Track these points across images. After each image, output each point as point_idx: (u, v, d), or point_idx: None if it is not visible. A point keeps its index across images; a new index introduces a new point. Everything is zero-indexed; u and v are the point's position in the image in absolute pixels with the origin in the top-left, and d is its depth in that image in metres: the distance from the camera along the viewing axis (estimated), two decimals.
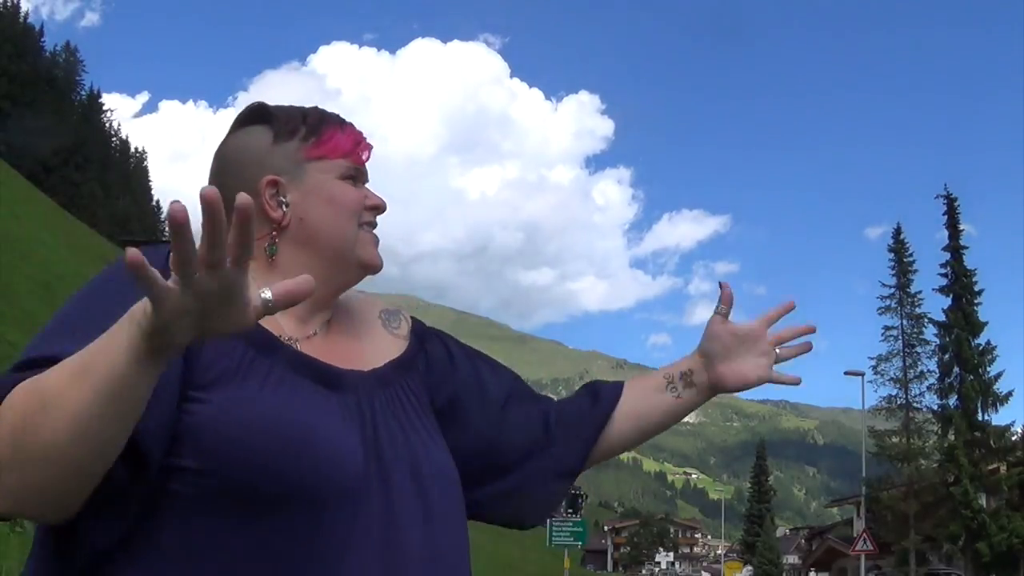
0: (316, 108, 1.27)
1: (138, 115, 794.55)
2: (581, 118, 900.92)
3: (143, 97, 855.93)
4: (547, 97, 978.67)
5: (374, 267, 1.24)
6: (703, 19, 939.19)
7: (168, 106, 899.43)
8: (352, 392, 1.14)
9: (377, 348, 1.25)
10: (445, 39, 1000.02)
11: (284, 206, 1.19)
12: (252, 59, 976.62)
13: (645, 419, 1.40)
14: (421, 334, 1.33)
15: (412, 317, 1.35)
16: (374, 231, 1.26)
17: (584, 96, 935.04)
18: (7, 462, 0.90)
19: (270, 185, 1.18)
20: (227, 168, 1.20)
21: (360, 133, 1.27)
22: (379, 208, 1.26)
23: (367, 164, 1.27)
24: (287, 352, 1.13)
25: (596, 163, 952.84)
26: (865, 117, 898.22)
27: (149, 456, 0.96)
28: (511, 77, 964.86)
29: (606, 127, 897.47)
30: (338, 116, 1.26)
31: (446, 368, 1.31)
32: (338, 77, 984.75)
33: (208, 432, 1.01)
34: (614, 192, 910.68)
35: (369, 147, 1.27)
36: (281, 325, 1.16)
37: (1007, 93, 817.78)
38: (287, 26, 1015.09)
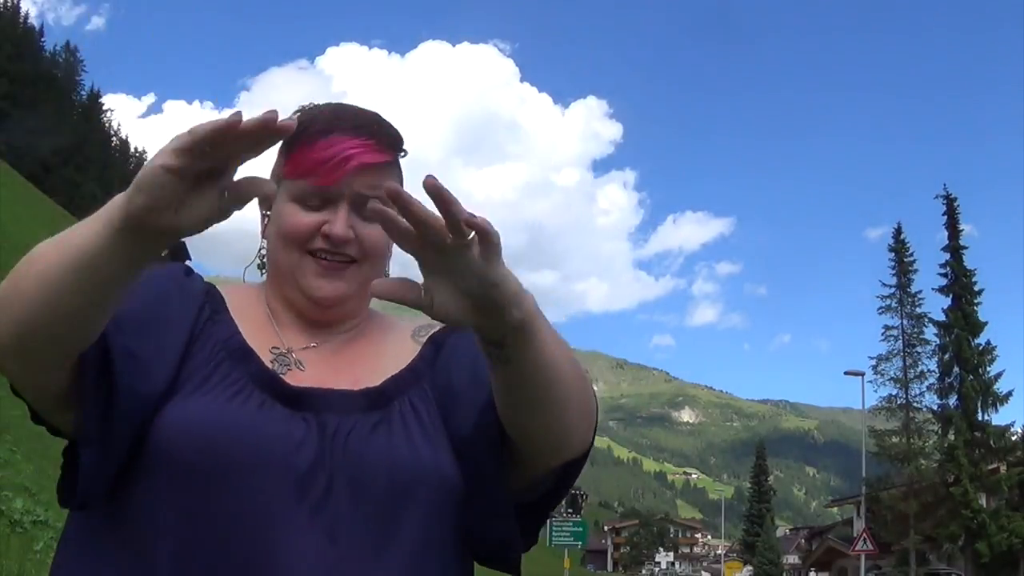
0: (319, 112, 1.18)
1: (144, 116, 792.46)
2: (589, 122, 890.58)
3: (149, 98, 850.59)
4: (556, 102, 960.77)
5: (314, 298, 1.14)
6: (709, 25, 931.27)
7: (173, 106, 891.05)
8: (313, 409, 1.08)
9: (388, 362, 1.17)
10: (455, 42, 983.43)
11: (266, 219, 1.20)
12: (258, 60, 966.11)
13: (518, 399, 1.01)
14: (440, 340, 1.20)
15: (444, 327, 1.19)
16: (331, 259, 1.14)
17: (592, 101, 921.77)
18: None
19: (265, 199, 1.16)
20: None
21: (346, 146, 1.12)
22: (329, 239, 1.13)
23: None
24: (256, 365, 1.10)
25: (602, 166, 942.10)
26: (865, 119, 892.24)
27: (118, 382, 0.98)
28: (521, 81, 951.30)
29: (613, 131, 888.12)
30: (331, 125, 1.14)
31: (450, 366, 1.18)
32: (345, 78, 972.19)
33: (158, 428, 1.02)
34: (619, 195, 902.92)
35: (353, 164, 1.12)
36: (281, 337, 1.16)
37: (1007, 92, 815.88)
38: (295, 28, 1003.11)
